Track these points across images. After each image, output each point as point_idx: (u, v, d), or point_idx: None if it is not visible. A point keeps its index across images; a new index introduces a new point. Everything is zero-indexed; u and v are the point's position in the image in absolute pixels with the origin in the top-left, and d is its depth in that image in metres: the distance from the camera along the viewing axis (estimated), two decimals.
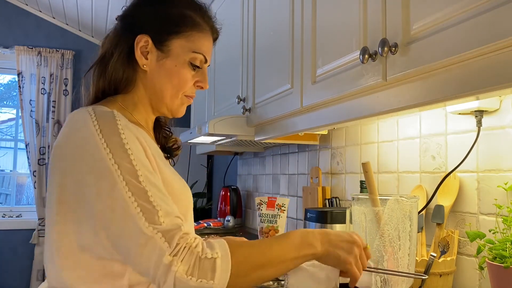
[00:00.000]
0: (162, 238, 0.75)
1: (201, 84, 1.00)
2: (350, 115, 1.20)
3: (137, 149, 0.83)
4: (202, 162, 3.86)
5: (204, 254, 0.76)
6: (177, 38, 0.95)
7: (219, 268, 0.76)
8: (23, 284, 3.76)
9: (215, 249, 0.77)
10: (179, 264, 0.74)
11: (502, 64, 0.74)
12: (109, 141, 0.80)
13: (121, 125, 0.83)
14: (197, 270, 0.75)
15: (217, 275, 0.75)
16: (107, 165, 0.79)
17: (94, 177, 0.79)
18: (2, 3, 3.79)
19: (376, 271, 1.00)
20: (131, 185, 0.78)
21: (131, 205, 0.76)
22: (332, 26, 1.26)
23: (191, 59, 0.96)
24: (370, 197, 1.06)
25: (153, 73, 0.96)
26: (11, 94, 4.22)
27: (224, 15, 2.33)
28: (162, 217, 0.77)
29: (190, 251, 0.75)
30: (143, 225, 0.75)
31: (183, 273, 0.74)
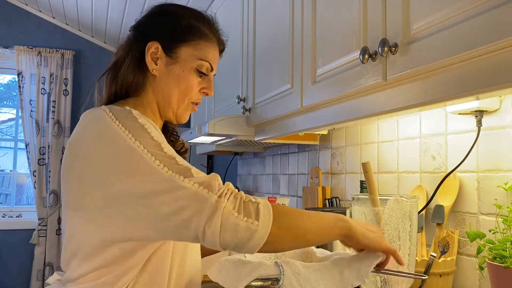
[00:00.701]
0: (200, 187, 0.79)
1: (206, 91, 1.06)
2: (350, 115, 1.20)
3: (155, 130, 0.88)
4: (202, 162, 3.86)
5: (248, 198, 0.81)
6: (185, 46, 1.02)
7: (262, 212, 0.79)
8: (23, 284, 3.76)
9: (256, 198, 0.82)
10: (226, 201, 0.78)
11: (502, 64, 0.74)
12: (126, 125, 0.85)
13: (136, 114, 0.89)
14: (243, 210, 0.79)
15: (260, 217, 0.79)
16: (128, 144, 0.82)
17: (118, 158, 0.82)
18: (2, 3, 3.79)
19: (376, 271, 1.00)
20: (157, 155, 0.82)
21: (162, 170, 0.80)
22: (332, 26, 1.26)
23: (197, 66, 1.02)
24: (370, 197, 1.06)
25: (161, 78, 1.02)
26: (11, 94, 4.22)
27: (224, 15, 2.33)
28: (196, 173, 0.81)
29: (234, 195, 0.80)
30: (179, 179, 0.79)
31: (231, 208, 0.78)
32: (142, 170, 0.80)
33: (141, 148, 0.82)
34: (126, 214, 0.82)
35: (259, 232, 0.78)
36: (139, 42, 1.03)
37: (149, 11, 1.07)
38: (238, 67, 2.03)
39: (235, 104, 2.02)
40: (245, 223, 0.78)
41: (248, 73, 1.91)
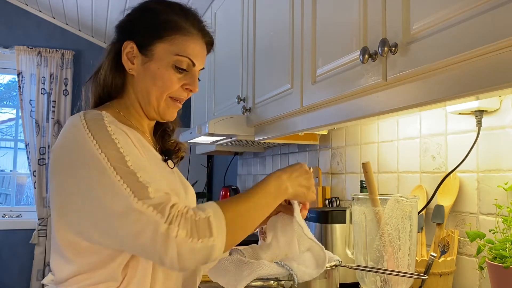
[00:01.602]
0: (154, 211, 0.78)
1: (189, 87, 1.02)
2: (350, 115, 1.20)
3: (124, 139, 0.88)
4: (202, 162, 3.86)
5: (198, 216, 0.80)
6: (161, 42, 0.99)
7: (214, 225, 0.80)
8: (23, 284, 3.76)
9: (206, 209, 0.82)
10: (177, 229, 0.77)
11: (502, 64, 0.74)
12: (96, 135, 0.86)
13: (107, 121, 0.89)
14: (196, 232, 0.78)
15: (214, 231, 0.80)
16: (95, 155, 0.83)
17: (85, 169, 0.84)
18: (2, 3, 3.79)
19: (376, 271, 1.00)
20: (119, 170, 0.82)
21: (120, 186, 0.80)
22: (332, 26, 1.26)
23: (175, 62, 0.99)
24: (370, 197, 1.06)
25: (139, 77, 1.01)
26: (11, 94, 4.22)
27: (224, 15, 2.33)
28: (152, 193, 0.80)
29: (184, 217, 0.79)
30: (133, 201, 0.79)
31: (184, 236, 0.77)
32: (103, 183, 0.81)
33: (105, 160, 0.83)
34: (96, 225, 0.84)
35: (216, 246, 0.80)
36: (117, 42, 1.03)
37: (129, 11, 1.05)
38: (238, 67, 2.03)
39: (235, 104, 2.02)
40: (201, 244, 0.78)
41: (248, 73, 1.91)
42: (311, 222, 1.49)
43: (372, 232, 1.04)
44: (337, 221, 1.43)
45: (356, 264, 1.10)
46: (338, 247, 1.42)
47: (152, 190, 0.81)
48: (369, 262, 1.05)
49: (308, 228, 0.98)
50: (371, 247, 1.04)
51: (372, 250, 1.04)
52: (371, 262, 1.04)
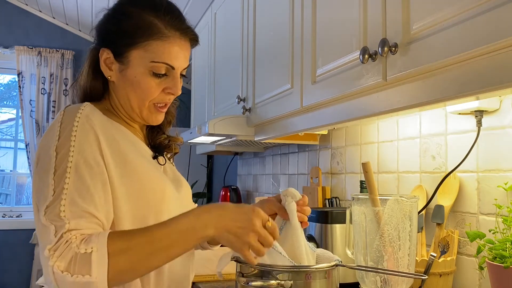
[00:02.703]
0: (54, 230, 0.79)
1: (170, 91, 0.99)
2: (350, 115, 1.20)
3: (85, 138, 0.88)
4: (202, 162, 3.86)
5: (79, 249, 0.77)
6: (135, 49, 0.95)
7: (95, 263, 0.76)
8: (23, 284, 3.76)
9: (91, 243, 0.77)
10: (55, 260, 0.77)
11: (502, 64, 0.74)
12: (62, 130, 0.88)
13: (81, 115, 0.90)
14: (73, 266, 0.76)
15: (93, 269, 0.75)
16: (50, 151, 0.86)
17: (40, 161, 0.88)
18: (2, 3, 3.79)
19: (376, 271, 1.00)
20: (57, 170, 0.84)
21: (49, 192, 0.82)
22: (332, 26, 1.26)
23: (151, 69, 0.95)
24: (370, 197, 1.06)
25: (119, 84, 1.00)
26: (11, 94, 4.22)
27: (224, 15, 2.33)
28: (64, 206, 0.80)
29: (69, 247, 0.77)
30: (44, 211, 0.81)
31: (59, 269, 0.76)
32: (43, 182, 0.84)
33: (53, 159, 0.85)
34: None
35: (95, 284, 0.76)
36: (95, 47, 1.02)
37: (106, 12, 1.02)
38: (238, 67, 2.03)
39: (235, 104, 2.02)
40: (75, 279, 0.75)
41: (248, 73, 1.91)
42: (311, 222, 1.49)
43: (372, 232, 1.04)
44: (337, 221, 1.43)
45: (356, 264, 1.10)
46: (338, 247, 1.42)
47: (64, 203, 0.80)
48: (369, 262, 1.05)
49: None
50: (371, 247, 1.04)
51: (372, 250, 1.04)
52: (371, 262, 1.04)
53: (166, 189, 0.98)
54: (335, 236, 1.42)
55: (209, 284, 1.54)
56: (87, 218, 0.82)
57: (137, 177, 0.93)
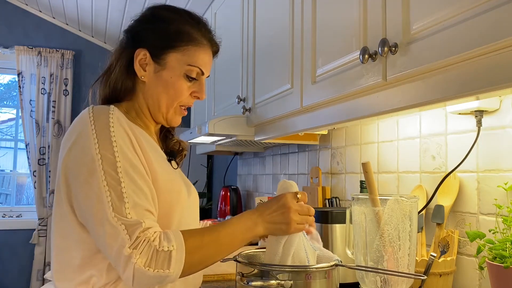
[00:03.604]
0: (125, 230, 0.84)
1: (197, 95, 1.07)
2: (350, 115, 1.20)
3: (123, 141, 0.91)
4: (202, 162, 3.86)
5: (161, 247, 0.85)
6: (173, 52, 1.02)
7: (174, 259, 0.85)
8: (23, 284, 3.76)
9: (172, 241, 0.86)
10: (137, 256, 0.83)
11: (502, 64, 0.74)
12: (98, 131, 0.90)
13: (113, 118, 0.92)
14: (154, 262, 0.84)
15: (172, 264, 0.85)
16: (92, 153, 0.88)
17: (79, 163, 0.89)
18: (2, 3, 3.79)
19: (376, 271, 1.00)
20: (108, 175, 0.87)
21: (104, 193, 0.86)
22: (332, 26, 1.26)
23: (186, 72, 1.03)
24: (370, 197, 1.06)
25: (150, 84, 1.04)
26: (11, 94, 4.22)
27: (224, 15, 2.33)
28: (129, 209, 0.86)
29: (149, 245, 0.84)
30: (110, 215, 0.85)
31: (141, 265, 0.83)
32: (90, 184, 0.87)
33: (99, 162, 0.87)
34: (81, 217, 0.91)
35: (171, 277, 0.86)
36: (129, 48, 1.05)
37: (140, 16, 1.08)
38: (238, 67, 2.03)
39: (235, 104, 2.02)
40: (155, 273, 0.84)
41: (248, 73, 1.91)
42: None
43: (372, 232, 1.04)
44: (337, 221, 1.43)
45: (356, 264, 1.10)
46: (338, 247, 1.42)
47: (129, 206, 0.86)
48: (369, 262, 1.05)
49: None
50: (371, 247, 1.04)
51: (372, 250, 1.04)
52: (371, 262, 1.04)
53: (182, 191, 1.02)
54: (335, 236, 1.42)
55: (209, 284, 1.54)
56: (151, 217, 0.89)
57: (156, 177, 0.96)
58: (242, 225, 0.95)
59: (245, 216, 0.97)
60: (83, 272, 0.91)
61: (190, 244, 0.88)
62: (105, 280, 0.91)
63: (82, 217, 0.90)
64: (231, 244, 0.94)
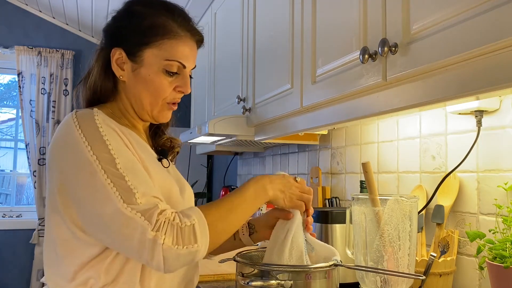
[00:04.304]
0: (142, 217, 0.82)
1: (181, 89, 1.02)
2: (350, 115, 1.20)
3: (115, 140, 0.90)
4: (202, 162, 3.86)
5: (183, 223, 0.84)
6: (149, 48, 0.98)
7: (198, 231, 0.85)
8: (23, 284, 3.76)
9: (191, 216, 0.86)
10: (163, 237, 0.81)
11: (502, 64, 0.74)
12: (87, 135, 0.88)
13: (99, 120, 0.91)
14: (181, 239, 0.83)
15: (198, 238, 0.84)
16: (86, 156, 0.86)
17: (76, 169, 0.87)
18: (2, 3, 3.79)
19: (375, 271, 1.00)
20: (109, 173, 0.85)
21: (110, 190, 0.84)
22: (332, 26, 1.26)
23: (165, 67, 0.98)
24: (370, 197, 1.06)
25: (130, 83, 1.01)
26: (11, 94, 4.22)
27: (224, 15, 2.33)
28: (139, 198, 0.84)
29: (171, 224, 0.83)
30: (122, 207, 0.82)
31: (170, 244, 0.81)
32: (94, 185, 0.84)
33: (96, 162, 0.85)
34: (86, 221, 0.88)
35: (200, 251, 0.85)
36: (106, 47, 1.02)
37: (116, 12, 1.05)
38: (238, 67, 2.03)
39: (235, 104, 2.02)
40: (186, 250, 0.83)
41: (248, 73, 1.91)
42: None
43: (372, 232, 1.04)
44: (337, 221, 1.43)
45: (356, 264, 1.10)
46: (338, 247, 1.42)
47: (139, 195, 0.84)
48: (369, 262, 1.05)
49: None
50: (371, 247, 1.04)
51: (372, 250, 1.04)
52: (371, 262, 1.04)
53: (172, 190, 1.00)
54: (335, 236, 1.42)
55: (209, 284, 1.54)
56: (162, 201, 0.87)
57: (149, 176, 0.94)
58: (252, 192, 0.97)
59: (252, 184, 0.98)
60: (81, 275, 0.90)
61: (210, 217, 0.88)
62: (103, 281, 0.90)
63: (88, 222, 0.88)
64: (246, 209, 0.95)
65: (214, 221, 0.89)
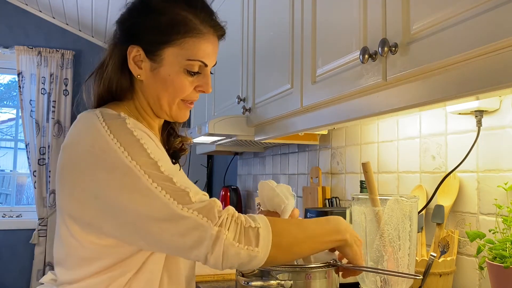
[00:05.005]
0: (199, 215, 0.78)
1: (202, 89, 0.97)
2: (350, 115, 1.20)
3: (151, 143, 0.85)
4: (202, 162, 3.86)
5: (248, 223, 0.80)
6: (170, 47, 0.91)
7: (262, 237, 0.80)
8: (23, 284, 3.76)
9: (257, 220, 0.82)
10: (226, 232, 0.78)
11: (502, 64, 0.74)
12: (121, 139, 0.82)
13: (131, 124, 0.85)
14: (243, 238, 0.79)
15: (260, 243, 0.79)
16: (124, 162, 0.80)
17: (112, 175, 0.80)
18: (2, 3, 3.79)
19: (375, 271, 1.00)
20: (155, 177, 0.80)
21: (159, 194, 0.79)
22: (332, 26, 1.26)
23: (186, 67, 0.93)
24: (370, 197, 1.06)
25: (148, 82, 0.95)
26: (11, 94, 4.22)
27: (224, 15, 2.33)
28: (193, 197, 0.80)
29: (234, 221, 0.79)
30: (177, 208, 0.78)
31: (231, 239, 0.78)
32: (139, 191, 0.79)
33: (137, 168, 0.80)
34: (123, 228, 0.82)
35: (258, 258, 0.80)
36: (121, 43, 0.96)
37: (131, 4, 0.96)
38: (238, 67, 2.03)
39: (235, 104, 2.02)
40: (246, 251, 0.79)
41: (248, 73, 1.91)
42: None
43: (372, 232, 1.04)
44: None
45: None
46: None
47: (192, 195, 0.80)
48: (369, 262, 1.05)
49: None
50: (371, 247, 1.04)
51: (372, 250, 1.04)
52: (371, 262, 1.04)
53: None
54: None
55: (209, 284, 1.54)
56: None
57: None
58: (330, 226, 0.90)
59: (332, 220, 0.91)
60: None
61: (276, 227, 0.82)
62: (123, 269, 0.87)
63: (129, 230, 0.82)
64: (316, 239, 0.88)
65: (280, 233, 0.83)
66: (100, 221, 0.84)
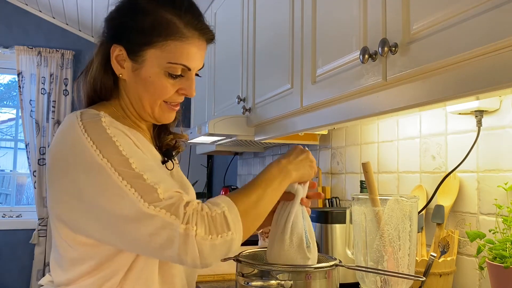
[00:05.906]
0: (167, 213, 0.77)
1: (185, 92, 0.96)
2: (350, 115, 1.20)
3: (125, 141, 0.85)
4: (202, 162, 3.86)
5: (213, 211, 0.79)
6: (151, 48, 0.91)
7: (230, 218, 0.80)
8: (23, 284, 3.76)
9: (220, 204, 0.81)
10: (195, 228, 0.76)
11: (502, 64, 0.74)
12: (95, 139, 0.82)
13: (106, 123, 0.86)
14: (214, 228, 0.78)
15: (231, 225, 0.79)
16: (96, 161, 0.80)
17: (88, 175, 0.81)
18: (2, 3, 3.79)
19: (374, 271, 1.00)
20: (125, 174, 0.79)
21: (128, 191, 0.78)
22: (332, 26, 1.26)
23: (168, 69, 0.92)
24: (370, 197, 1.06)
25: (130, 82, 0.95)
26: (11, 94, 4.22)
27: (224, 15, 2.33)
28: (162, 194, 0.79)
29: (200, 214, 0.78)
30: (143, 206, 0.77)
31: (203, 234, 0.76)
32: (111, 189, 0.79)
33: (108, 165, 0.80)
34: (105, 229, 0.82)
35: (235, 240, 0.80)
36: (107, 41, 0.95)
37: (120, 4, 0.97)
38: (238, 67, 2.03)
39: (235, 104, 2.02)
40: (221, 239, 0.78)
41: (248, 73, 1.91)
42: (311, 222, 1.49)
43: (372, 232, 1.04)
44: (337, 221, 1.43)
45: (356, 264, 1.10)
46: (338, 247, 1.42)
47: (162, 191, 0.79)
48: (369, 262, 1.05)
49: None
50: (371, 247, 1.04)
51: (372, 250, 1.04)
52: (371, 262, 1.04)
53: None
54: (335, 236, 1.42)
55: (209, 284, 1.54)
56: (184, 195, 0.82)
57: None
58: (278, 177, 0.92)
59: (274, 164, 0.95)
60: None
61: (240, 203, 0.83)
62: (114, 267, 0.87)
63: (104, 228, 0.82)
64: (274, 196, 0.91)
65: (245, 208, 0.84)
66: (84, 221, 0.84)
